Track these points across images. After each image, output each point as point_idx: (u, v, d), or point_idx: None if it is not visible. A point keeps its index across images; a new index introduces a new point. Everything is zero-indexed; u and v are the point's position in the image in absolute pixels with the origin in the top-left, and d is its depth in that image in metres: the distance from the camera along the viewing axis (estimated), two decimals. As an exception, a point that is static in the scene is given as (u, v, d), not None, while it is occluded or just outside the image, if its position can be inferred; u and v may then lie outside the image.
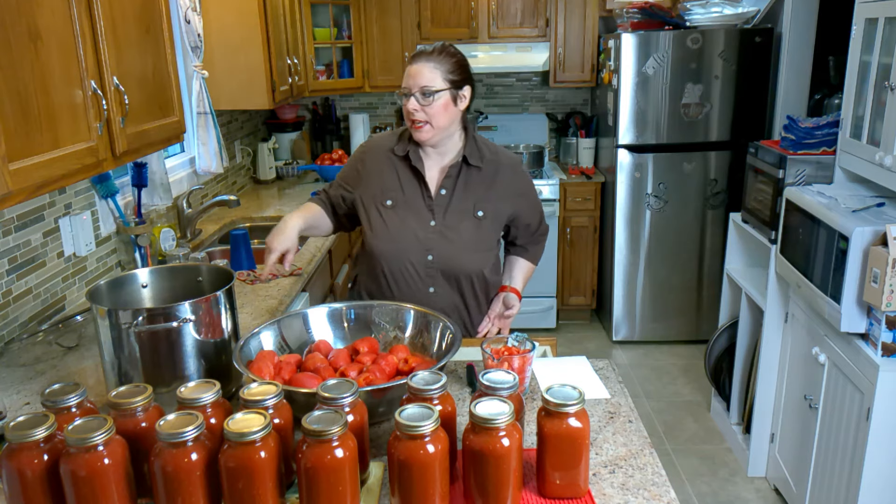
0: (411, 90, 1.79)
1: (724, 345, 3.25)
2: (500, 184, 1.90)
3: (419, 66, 1.79)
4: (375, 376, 1.42)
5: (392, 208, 1.87)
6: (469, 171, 1.88)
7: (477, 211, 1.88)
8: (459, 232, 1.86)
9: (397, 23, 4.25)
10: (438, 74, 1.79)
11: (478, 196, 1.88)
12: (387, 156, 1.91)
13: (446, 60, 1.80)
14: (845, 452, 2.21)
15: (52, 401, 1.17)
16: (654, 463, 1.30)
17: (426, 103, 1.78)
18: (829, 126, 2.57)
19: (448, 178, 1.88)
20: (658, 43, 3.71)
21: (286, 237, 1.81)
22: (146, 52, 1.95)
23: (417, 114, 1.79)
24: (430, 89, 1.77)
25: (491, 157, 1.91)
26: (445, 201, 1.87)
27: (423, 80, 1.78)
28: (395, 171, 1.90)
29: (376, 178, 1.90)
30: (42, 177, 1.45)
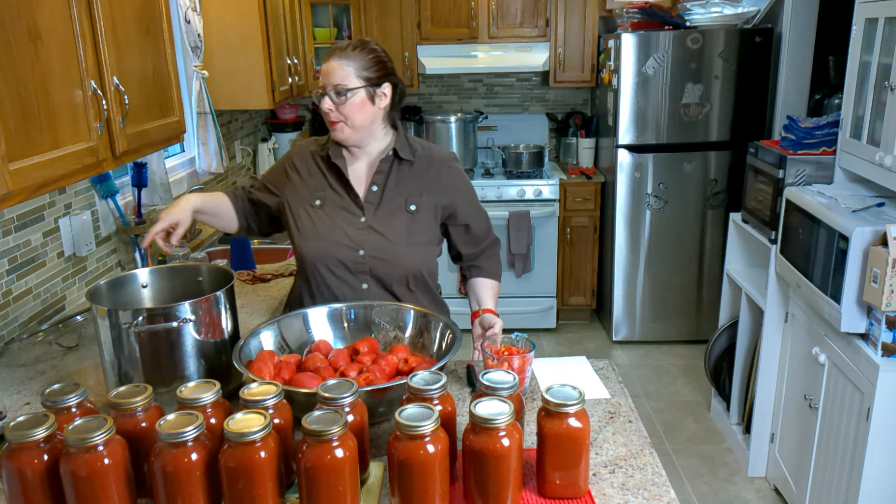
0: (325, 89, 1.73)
1: (724, 345, 3.25)
2: (433, 177, 1.85)
3: (331, 63, 1.73)
4: (375, 376, 1.42)
5: (321, 208, 1.82)
6: (400, 165, 1.83)
7: (409, 205, 1.82)
8: (391, 227, 1.81)
9: (397, 23, 4.25)
10: (352, 71, 1.72)
11: (410, 190, 1.82)
12: (313, 158, 1.87)
13: (361, 57, 1.73)
14: (845, 452, 2.21)
15: (52, 401, 1.17)
16: (654, 463, 1.30)
17: (340, 102, 1.72)
18: (829, 126, 2.57)
19: (379, 174, 1.82)
20: (658, 43, 3.71)
21: (179, 210, 1.74)
22: (146, 52, 1.95)
23: (332, 113, 1.74)
24: (344, 87, 1.71)
25: (423, 152, 1.86)
26: (377, 197, 1.82)
27: (336, 77, 1.71)
28: (322, 172, 1.85)
29: (304, 181, 1.85)
30: (42, 177, 1.45)
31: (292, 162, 1.89)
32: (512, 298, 4.30)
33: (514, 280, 4.24)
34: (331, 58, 1.74)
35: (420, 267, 1.84)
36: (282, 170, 1.90)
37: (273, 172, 1.92)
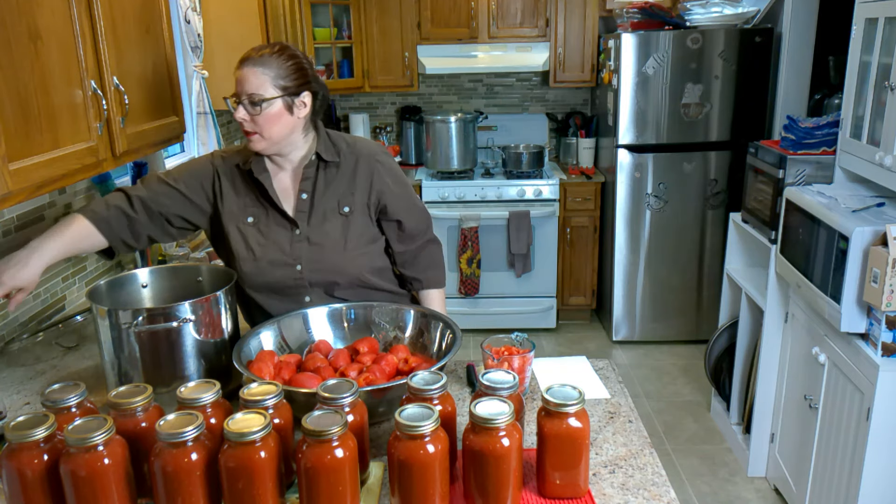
0: (240, 97, 1.61)
1: (724, 345, 3.25)
2: (361, 174, 1.75)
3: (245, 70, 1.61)
4: (375, 376, 1.42)
5: (254, 225, 1.72)
6: (327, 168, 1.74)
7: (342, 207, 1.74)
8: (327, 233, 1.73)
9: (397, 23, 4.25)
10: (268, 80, 1.60)
11: (340, 192, 1.74)
12: (235, 171, 1.74)
13: (279, 64, 1.61)
14: (845, 452, 2.21)
15: (52, 401, 1.17)
16: (654, 463, 1.30)
17: (255, 112, 1.60)
18: (829, 126, 2.57)
19: (306, 181, 1.73)
20: (658, 43, 3.71)
21: (27, 277, 1.53)
22: (146, 52, 1.95)
23: (246, 124, 1.62)
24: (259, 97, 1.59)
25: (348, 149, 1.77)
26: (307, 205, 1.73)
27: (251, 86, 1.59)
28: (247, 185, 1.73)
29: (234, 197, 1.73)
30: (42, 177, 1.45)
31: (218, 174, 1.75)
32: (512, 298, 4.30)
33: (514, 280, 4.24)
34: (245, 64, 1.62)
35: (361, 270, 1.77)
36: (205, 180, 1.75)
37: (192, 176, 1.75)
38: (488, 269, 4.23)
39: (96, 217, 1.66)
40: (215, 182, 1.74)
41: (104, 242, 1.68)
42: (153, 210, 1.71)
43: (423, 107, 4.69)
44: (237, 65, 1.63)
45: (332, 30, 4.15)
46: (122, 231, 1.69)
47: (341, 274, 1.75)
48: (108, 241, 1.68)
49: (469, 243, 4.14)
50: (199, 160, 1.79)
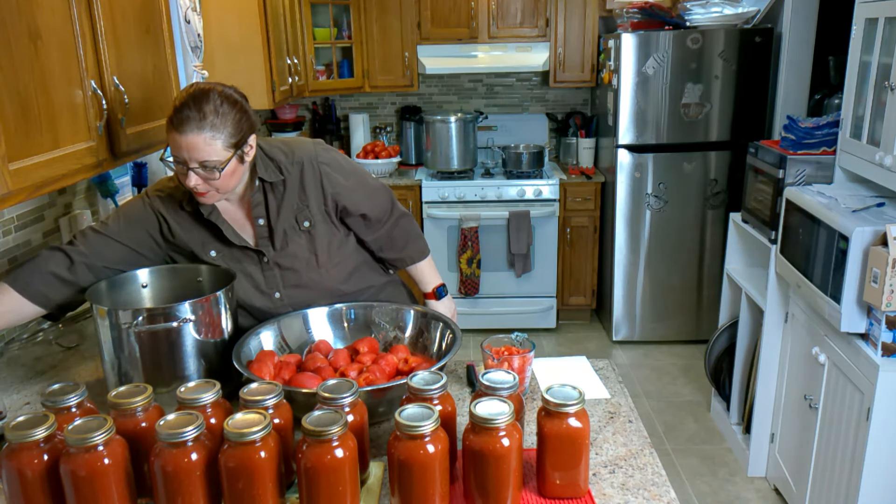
0: (187, 164, 1.46)
1: (724, 345, 3.25)
2: (309, 181, 1.66)
3: (190, 138, 1.44)
4: (375, 376, 1.42)
5: (219, 258, 1.66)
6: (274, 188, 1.64)
7: (302, 223, 1.66)
8: (295, 255, 1.66)
9: (397, 23, 4.25)
10: (219, 144, 1.46)
11: (294, 208, 1.65)
12: (180, 212, 1.64)
13: (226, 121, 1.47)
14: (845, 452, 2.21)
15: (52, 401, 1.17)
16: (654, 463, 1.30)
17: (211, 177, 1.49)
18: (829, 126, 2.57)
19: (257, 206, 1.64)
20: (658, 43, 3.71)
21: None
22: (146, 52, 1.95)
23: (201, 187, 1.51)
24: (215, 164, 1.47)
25: (287, 160, 1.65)
26: (266, 231, 1.65)
27: (201, 154, 1.46)
28: (197, 223, 1.64)
29: (185, 235, 1.65)
30: (42, 177, 1.45)
31: (162, 216, 1.64)
32: (512, 298, 4.30)
33: (514, 280, 4.24)
34: (186, 129, 1.44)
35: (340, 280, 1.73)
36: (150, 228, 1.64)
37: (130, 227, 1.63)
38: (488, 269, 4.23)
39: (28, 289, 1.53)
40: (161, 226, 1.65)
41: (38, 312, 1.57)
42: (98, 266, 1.60)
43: (423, 107, 4.69)
44: (174, 126, 1.45)
45: (332, 30, 4.15)
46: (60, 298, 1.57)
47: (320, 290, 1.70)
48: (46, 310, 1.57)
49: (469, 243, 4.14)
50: (134, 207, 1.66)
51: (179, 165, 1.49)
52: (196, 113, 1.45)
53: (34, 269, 1.55)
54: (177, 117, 1.46)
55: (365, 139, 4.61)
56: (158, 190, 1.68)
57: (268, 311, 1.70)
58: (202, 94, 1.47)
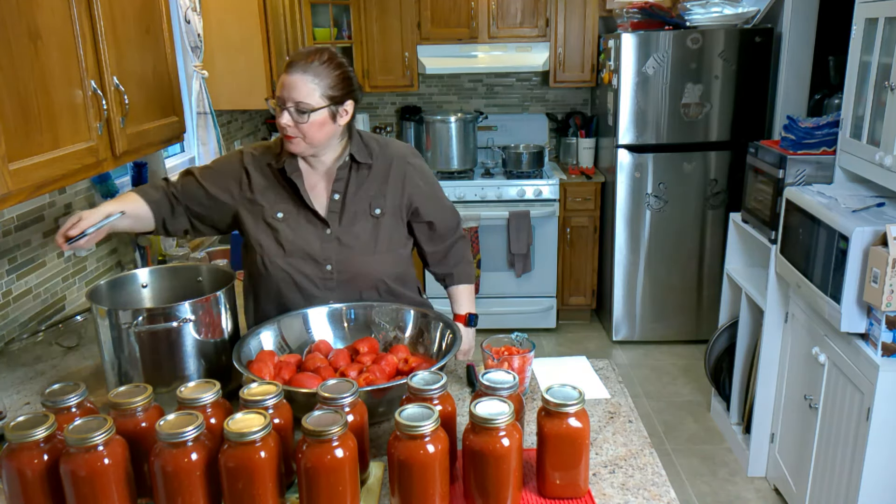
0: (285, 103, 1.60)
1: (724, 345, 3.25)
2: (393, 176, 1.76)
3: (295, 76, 1.59)
4: (375, 376, 1.42)
5: (284, 221, 1.72)
6: (359, 169, 1.74)
7: (374, 209, 1.74)
8: (357, 235, 1.73)
9: (397, 23, 4.25)
10: (317, 90, 1.59)
11: (372, 194, 1.74)
12: (269, 168, 1.75)
13: (328, 73, 1.60)
14: (845, 452, 2.21)
15: (52, 401, 1.17)
16: (654, 463, 1.30)
17: (301, 120, 1.60)
18: (829, 126, 2.57)
19: (338, 182, 1.73)
20: (658, 43, 3.71)
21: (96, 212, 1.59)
22: (146, 52, 1.95)
23: (290, 129, 1.61)
24: (307, 107, 1.59)
25: (380, 151, 1.77)
26: (339, 206, 1.73)
27: (299, 94, 1.58)
28: (280, 183, 1.74)
29: (262, 193, 1.73)
30: (42, 177, 1.45)
31: (247, 170, 1.75)
32: (512, 298, 4.30)
33: (514, 280, 4.24)
34: (293, 70, 1.59)
35: (388, 274, 1.77)
36: (233, 175, 1.75)
37: (219, 175, 1.76)
38: (488, 269, 4.23)
39: (147, 196, 1.72)
40: (243, 179, 1.75)
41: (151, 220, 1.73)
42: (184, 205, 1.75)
43: (423, 107, 4.69)
44: (284, 68, 1.61)
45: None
46: (166, 213, 1.74)
47: (367, 276, 1.75)
48: (154, 219, 1.73)
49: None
50: (228, 157, 1.80)
51: (278, 104, 1.62)
52: (305, 59, 1.61)
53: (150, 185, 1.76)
54: (290, 61, 1.62)
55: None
56: (254, 147, 1.80)
57: (316, 279, 1.74)
58: (317, 48, 1.65)
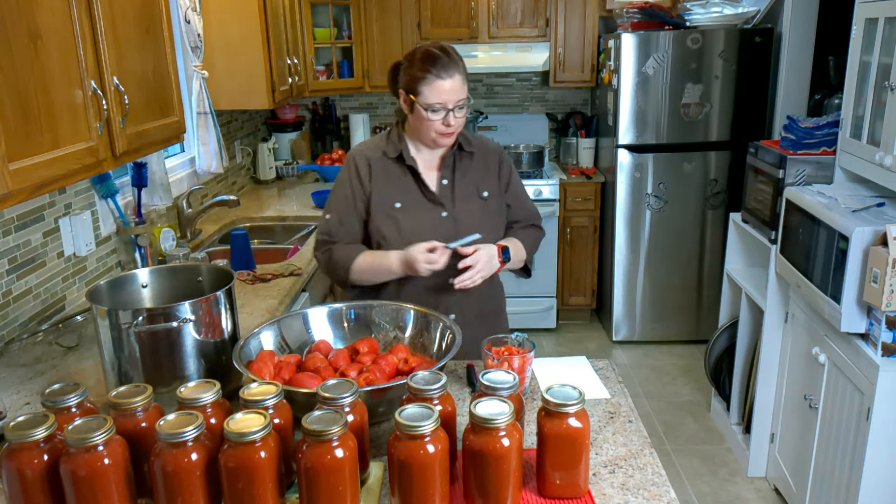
0: (446, 106, 1.74)
1: (724, 345, 3.25)
2: (493, 163, 1.92)
3: (456, 80, 1.74)
4: (375, 376, 1.42)
5: (402, 210, 1.83)
6: (461, 156, 1.89)
7: (481, 192, 1.88)
8: (471, 214, 1.85)
9: (397, 23, 4.25)
10: (466, 86, 1.77)
11: (477, 178, 1.89)
12: (381, 161, 1.86)
13: (465, 67, 1.78)
14: (845, 452, 2.21)
15: (52, 401, 1.17)
16: (654, 463, 1.30)
17: (460, 115, 1.76)
18: (829, 126, 2.57)
19: (446, 168, 1.87)
20: (658, 43, 3.71)
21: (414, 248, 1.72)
22: (146, 52, 1.95)
23: (453, 126, 1.77)
24: (465, 102, 1.76)
25: (476, 142, 1.92)
26: (449, 190, 1.86)
27: (461, 93, 1.75)
28: (394, 174, 1.86)
29: (379, 186, 1.85)
30: (42, 177, 1.45)
31: (358, 174, 1.85)
32: (512, 298, 4.27)
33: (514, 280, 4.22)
34: (450, 72, 1.72)
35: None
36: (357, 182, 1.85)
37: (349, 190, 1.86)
38: (488, 269, 4.23)
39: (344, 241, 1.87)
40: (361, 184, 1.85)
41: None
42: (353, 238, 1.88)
43: (423, 107, 4.69)
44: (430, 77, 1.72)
45: (332, 30, 4.15)
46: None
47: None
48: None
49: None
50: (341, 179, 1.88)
51: (438, 111, 1.74)
52: (450, 60, 1.74)
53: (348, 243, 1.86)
54: (439, 67, 1.72)
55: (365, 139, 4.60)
56: (363, 148, 1.91)
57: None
58: (441, 46, 1.77)
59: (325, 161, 4.20)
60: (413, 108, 1.78)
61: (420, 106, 1.75)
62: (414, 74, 1.75)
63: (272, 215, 3.38)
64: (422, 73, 1.73)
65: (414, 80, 1.75)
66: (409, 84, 1.77)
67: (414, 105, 1.77)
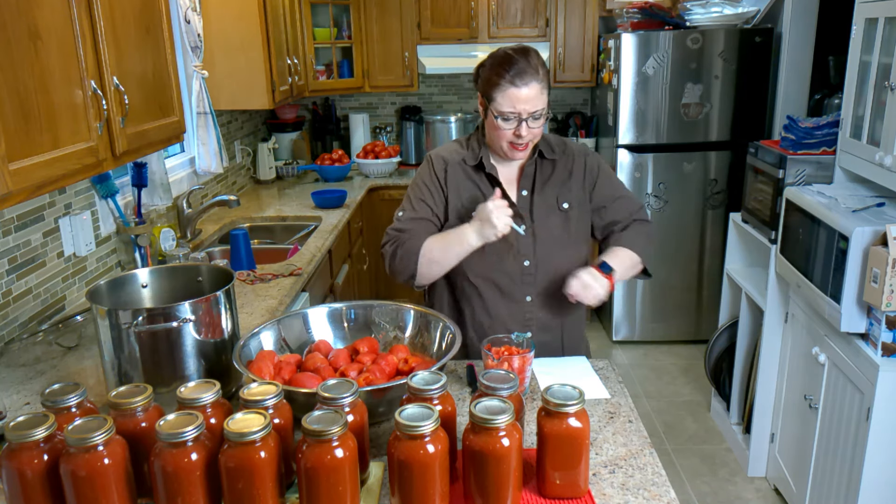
0: (521, 116, 1.64)
1: (724, 345, 3.25)
2: (577, 169, 1.80)
3: (532, 89, 1.62)
4: (375, 376, 1.42)
5: None
6: (543, 165, 1.79)
7: (562, 203, 1.77)
8: (550, 229, 1.76)
9: (397, 23, 4.25)
10: (545, 94, 1.66)
11: (558, 188, 1.78)
12: (462, 168, 1.78)
13: (546, 73, 1.67)
14: (845, 452, 2.21)
15: (52, 401, 1.17)
16: (654, 463, 1.30)
17: (535, 125, 1.66)
18: (829, 126, 2.57)
19: (525, 178, 1.77)
20: (658, 43, 3.71)
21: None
22: (146, 52, 1.95)
23: (526, 137, 1.67)
24: (541, 112, 1.65)
25: (560, 148, 1.81)
26: (528, 202, 1.76)
27: (538, 104, 1.64)
28: (474, 182, 1.77)
29: (458, 193, 1.77)
30: (42, 177, 1.45)
31: (436, 176, 1.79)
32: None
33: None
34: (527, 81, 1.62)
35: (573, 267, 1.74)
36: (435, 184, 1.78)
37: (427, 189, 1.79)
38: (488, 269, 4.23)
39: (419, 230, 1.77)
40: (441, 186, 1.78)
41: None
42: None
43: (423, 107, 4.69)
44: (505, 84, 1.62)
45: (332, 30, 4.15)
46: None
47: (563, 269, 1.74)
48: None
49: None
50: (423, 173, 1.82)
51: (510, 120, 1.65)
52: (530, 66, 1.63)
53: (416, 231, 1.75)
54: (515, 74, 1.62)
55: (365, 139, 4.61)
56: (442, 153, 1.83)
57: (514, 276, 1.76)
58: (524, 50, 1.67)
59: (325, 161, 4.20)
60: (486, 113, 1.70)
61: (492, 112, 1.67)
62: (489, 78, 1.67)
63: (272, 215, 3.38)
64: (497, 76, 1.64)
65: (489, 84, 1.67)
66: (484, 87, 1.69)
67: (487, 110, 1.69)
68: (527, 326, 1.79)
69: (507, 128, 1.66)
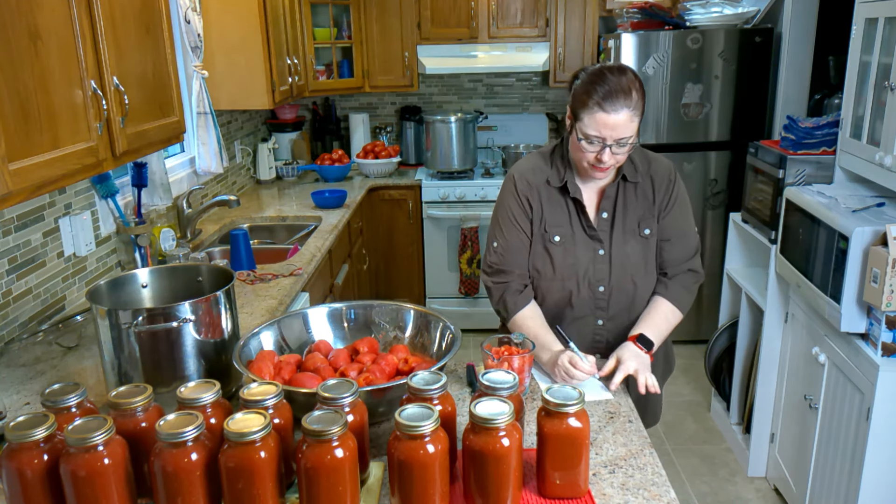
0: (605, 141, 1.57)
1: (724, 345, 3.25)
2: (659, 194, 1.73)
3: (621, 117, 1.54)
4: (375, 376, 1.42)
5: (560, 245, 1.72)
6: (626, 187, 1.72)
7: (643, 229, 1.71)
8: (628, 255, 1.70)
9: (397, 23, 4.25)
10: (636, 122, 1.57)
11: (640, 213, 1.71)
12: (544, 188, 1.73)
13: (640, 99, 1.57)
14: (845, 452, 2.21)
15: (52, 401, 1.17)
16: (654, 463, 1.30)
17: (619, 152, 1.59)
18: (829, 126, 2.57)
19: (607, 200, 1.71)
20: (658, 43, 3.71)
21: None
22: (146, 52, 1.95)
23: (608, 162, 1.60)
24: (627, 140, 1.57)
25: (644, 169, 1.73)
26: (608, 225, 1.71)
27: (624, 131, 1.56)
28: (556, 202, 1.72)
29: (541, 214, 1.73)
30: (42, 177, 1.45)
31: (519, 197, 1.74)
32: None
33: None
34: (619, 109, 1.54)
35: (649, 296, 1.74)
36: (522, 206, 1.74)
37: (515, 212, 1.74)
38: (488, 269, 4.23)
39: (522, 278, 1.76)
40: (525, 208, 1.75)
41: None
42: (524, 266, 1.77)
43: (423, 107, 4.69)
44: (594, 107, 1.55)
45: (332, 30, 4.15)
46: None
47: (639, 297, 1.72)
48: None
49: (469, 243, 4.14)
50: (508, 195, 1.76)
51: (594, 144, 1.58)
52: (624, 93, 1.54)
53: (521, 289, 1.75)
54: (605, 96, 1.54)
55: (365, 139, 4.61)
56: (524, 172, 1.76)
57: (588, 301, 1.73)
58: (621, 69, 1.58)
59: (325, 161, 4.20)
60: (572, 129, 1.64)
61: (577, 132, 1.61)
62: (580, 95, 1.60)
63: (272, 215, 3.38)
64: (586, 96, 1.57)
65: (577, 102, 1.60)
66: (574, 103, 1.62)
67: (573, 126, 1.63)
68: (595, 349, 1.77)
69: (590, 150, 1.60)
